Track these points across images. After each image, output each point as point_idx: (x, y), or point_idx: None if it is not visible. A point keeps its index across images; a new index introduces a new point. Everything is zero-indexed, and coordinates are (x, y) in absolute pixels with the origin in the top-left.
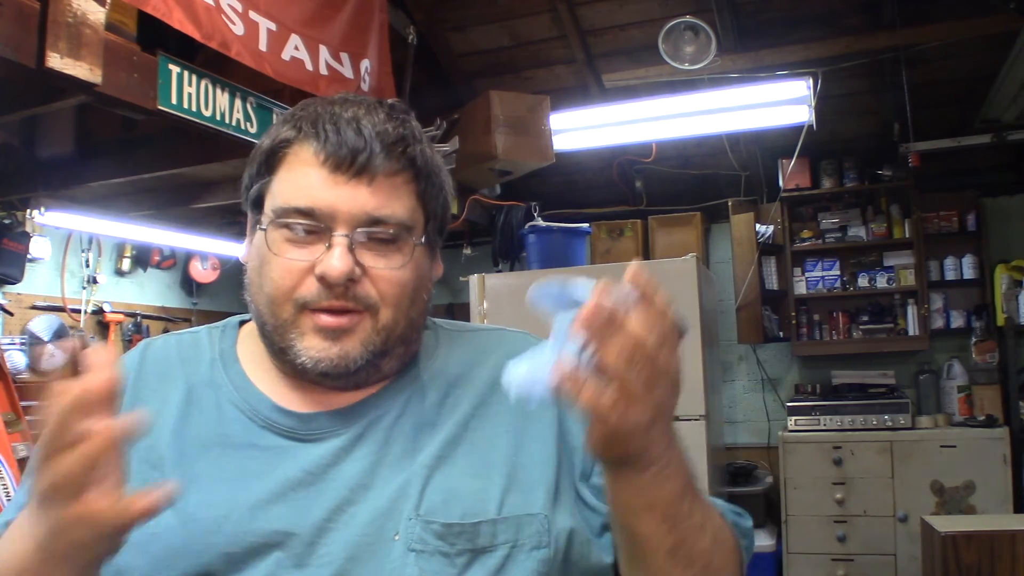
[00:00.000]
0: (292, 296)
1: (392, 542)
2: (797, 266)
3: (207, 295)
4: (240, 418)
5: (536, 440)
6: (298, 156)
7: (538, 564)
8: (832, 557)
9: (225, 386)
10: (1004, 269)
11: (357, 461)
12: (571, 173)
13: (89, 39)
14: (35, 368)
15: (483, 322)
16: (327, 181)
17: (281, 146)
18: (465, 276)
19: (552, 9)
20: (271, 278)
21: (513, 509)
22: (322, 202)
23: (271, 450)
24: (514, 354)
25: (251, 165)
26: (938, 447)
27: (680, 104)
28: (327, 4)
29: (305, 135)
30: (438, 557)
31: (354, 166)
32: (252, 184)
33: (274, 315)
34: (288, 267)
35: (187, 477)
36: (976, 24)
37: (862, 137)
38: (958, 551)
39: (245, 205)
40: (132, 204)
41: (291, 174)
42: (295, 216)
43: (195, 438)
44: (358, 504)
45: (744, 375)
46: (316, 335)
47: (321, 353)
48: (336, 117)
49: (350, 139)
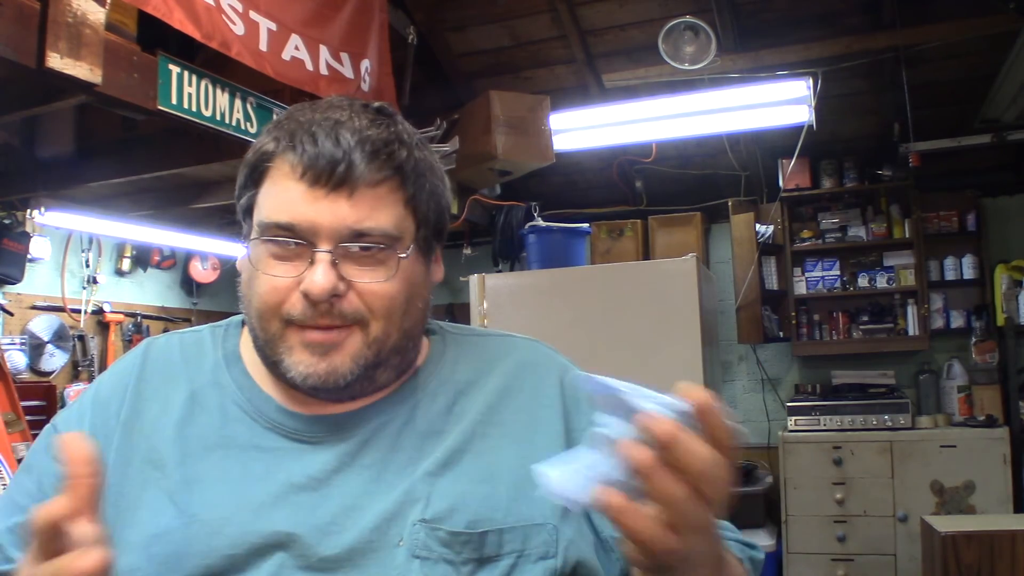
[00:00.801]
0: (279, 312)
1: (396, 548)
2: (797, 266)
3: (207, 295)
4: (244, 419)
5: (544, 449)
6: (279, 169)
7: (544, 574)
8: (832, 557)
9: (229, 387)
10: (1004, 269)
11: (364, 468)
12: (571, 173)
13: (89, 39)
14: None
15: (483, 322)
16: (306, 196)
17: (263, 159)
18: (465, 276)
19: (552, 9)
20: (258, 293)
21: (520, 518)
22: (302, 217)
23: (275, 452)
24: (524, 363)
25: (240, 175)
26: (938, 447)
27: (680, 104)
28: (327, 4)
29: (284, 148)
30: (443, 564)
31: (333, 178)
32: (241, 195)
33: (263, 329)
34: (273, 284)
35: (190, 477)
36: (976, 24)
37: (862, 137)
38: (958, 551)
39: (239, 214)
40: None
41: (273, 188)
42: (276, 232)
43: (198, 439)
44: (362, 509)
45: (744, 375)
46: (304, 350)
47: (309, 369)
48: (315, 127)
49: (327, 150)
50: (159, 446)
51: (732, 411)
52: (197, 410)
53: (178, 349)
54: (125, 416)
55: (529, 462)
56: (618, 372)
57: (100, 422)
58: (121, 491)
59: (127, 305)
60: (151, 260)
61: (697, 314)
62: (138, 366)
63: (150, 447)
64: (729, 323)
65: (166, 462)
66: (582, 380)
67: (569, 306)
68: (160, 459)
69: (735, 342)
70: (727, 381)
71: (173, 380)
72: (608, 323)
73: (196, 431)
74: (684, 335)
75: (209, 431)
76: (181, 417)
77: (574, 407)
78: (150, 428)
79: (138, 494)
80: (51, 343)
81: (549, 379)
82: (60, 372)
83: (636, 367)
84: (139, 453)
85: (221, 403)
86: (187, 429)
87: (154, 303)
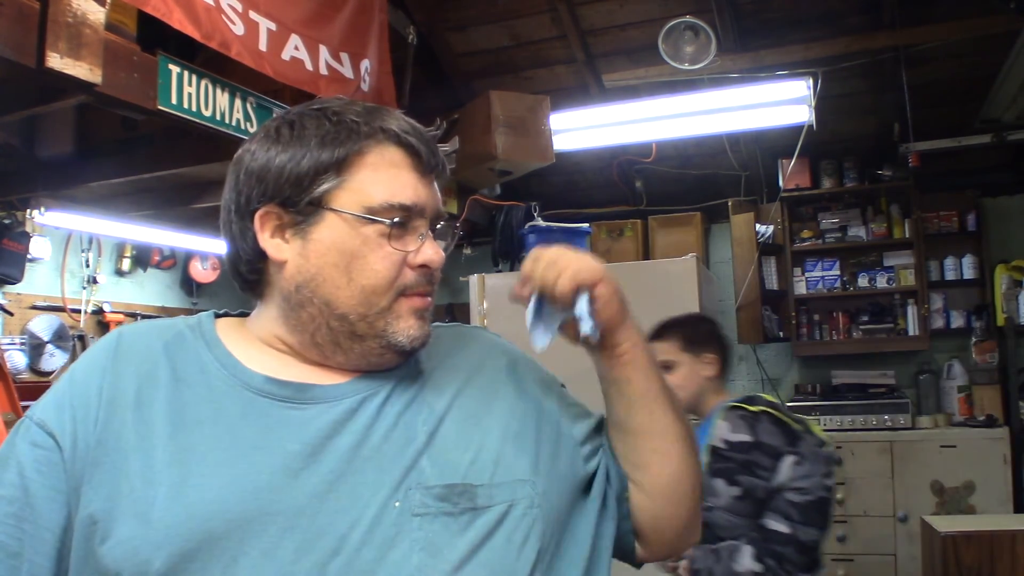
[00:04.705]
0: (394, 284)
1: (392, 509)
2: (797, 266)
3: (207, 295)
4: (231, 391)
5: (508, 410)
6: (383, 157)
7: (534, 520)
8: (832, 557)
9: (212, 365)
10: (1004, 269)
11: (352, 434)
12: (571, 173)
13: (89, 39)
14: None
15: (483, 322)
16: (419, 180)
17: (359, 150)
18: (465, 276)
19: (552, 9)
20: (373, 270)
21: (506, 476)
22: (419, 199)
23: (267, 418)
24: (490, 345)
25: (301, 163)
26: (938, 447)
27: (680, 104)
28: (327, 4)
29: (387, 138)
30: (442, 518)
31: (436, 167)
32: (311, 184)
33: (369, 303)
34: (393, 258)
35: (182, 450)
36: (976, 24)
37: (862, 137)
38: (958, 551)
39: (297, 200)
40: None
41: (380, 175)
42: (397, 213)
43: (187, 414)
44: (356, 475)
45: (744, 375)
46: (411, 316)
47: (417, 331)
48: (403, 123)
49: (423, 143)
50: (149, 419)
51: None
52: (183, 387)
53: (154, 331)
54: (108, 394)
55: (502, 426)
56: None
57: (80, 403)
58: (115, 465)
59: (127, 305)
60: (151, 260)
61: None
62: (112, 348)
63: (139, 420)
64: (729, 323)
65: (157, 435)
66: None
67: None
68: (151, 432)
69: (735, 342)
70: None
71: (152, 359)
72: None
73: (183, 405)
74: None
75: (196, 406)
76: (168, 393)
77: (519, 364)
78: (135, 402)
79: (131, 467)
80: (51, 343)
81: (497, 352)
82: (60, 372)
83: None
84: (129, 427)
85: (207, 380)
86: (174, 403)
87: (154, 303)
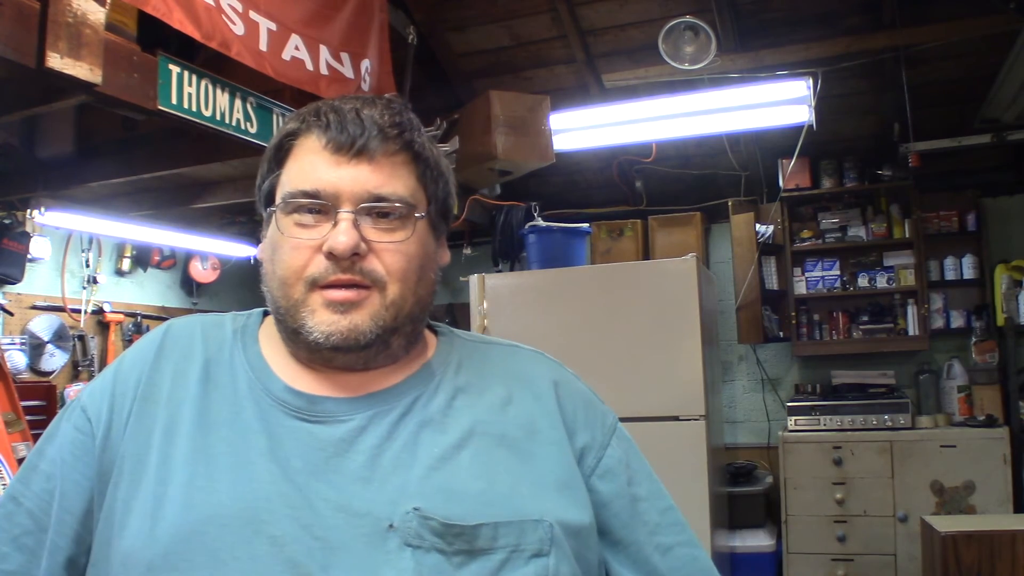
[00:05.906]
0: (303, 275)
1: (387, 533)
2: (797, 266)
3: (207, 295)
4: (251, 396)
5: (544, 459)
6: (303, 146)
7: (537, 570)
8: (832, 557)
9: (241, 365)
10: (1004, 269)
11: (358, 454)
12: (571, 173)
13: (89, 39)
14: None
15: (483, 322)
16: (330, 163)
17: (288, 139)
18: (465, 276)
19: (552, 9)
20: (283, 260)
21: (516, 513)
22: (326, 183)
23: (279, 428)
24: (526, 373)
25: (262, 165)
26: (938, 447)
27: (680, 104)
28: (327, 4)
29: (309, 126)
30: (434, 554)
31: (354, 148)
32: (263, 182)
33: (286, 296)
34: (298, 246)
35: (198, 450)
36: (976, 24)
37: (862, 137)
38: (958, 551)
39: (259, 205)
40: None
41: (297, 163)
42: (301, 199)
43: (211, 415)
44: (357, 494)
45: (744, 375)
46: (326, 310)
47: (332, 327)
48: (337, 108)
49: (349, 124)
50: (177, 416)
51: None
52: (210, 386)
53: (199, 327)
54: (143, 389)
55: (527, 468)
56: (618, 372)
57: (120, 392)
58: (138, 459)
59: (127, 305)
60: (151, 260)
61: (697, 314)
62: (158, 342)
63: (169, 417)
64: (729, 323)
65: (180, 434)
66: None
67: (569, 306)
68: (176, 430)
69: (735, 342)
70: (727, 381)
71: (190, 356)
72: (608, 323)
73: (208, 405)
74: (684, 335)
75: (219, 407)
76: (197, 392)
77: (572, 420)
78: (166, 399)
79: (152, 462)
80: (51, 343)
81: (546, 389)
82: (60, 372)
83: (636, 367)
84: (159, 423)
85: (233, 380)
86: (201, 404)
87: (154, 303)
